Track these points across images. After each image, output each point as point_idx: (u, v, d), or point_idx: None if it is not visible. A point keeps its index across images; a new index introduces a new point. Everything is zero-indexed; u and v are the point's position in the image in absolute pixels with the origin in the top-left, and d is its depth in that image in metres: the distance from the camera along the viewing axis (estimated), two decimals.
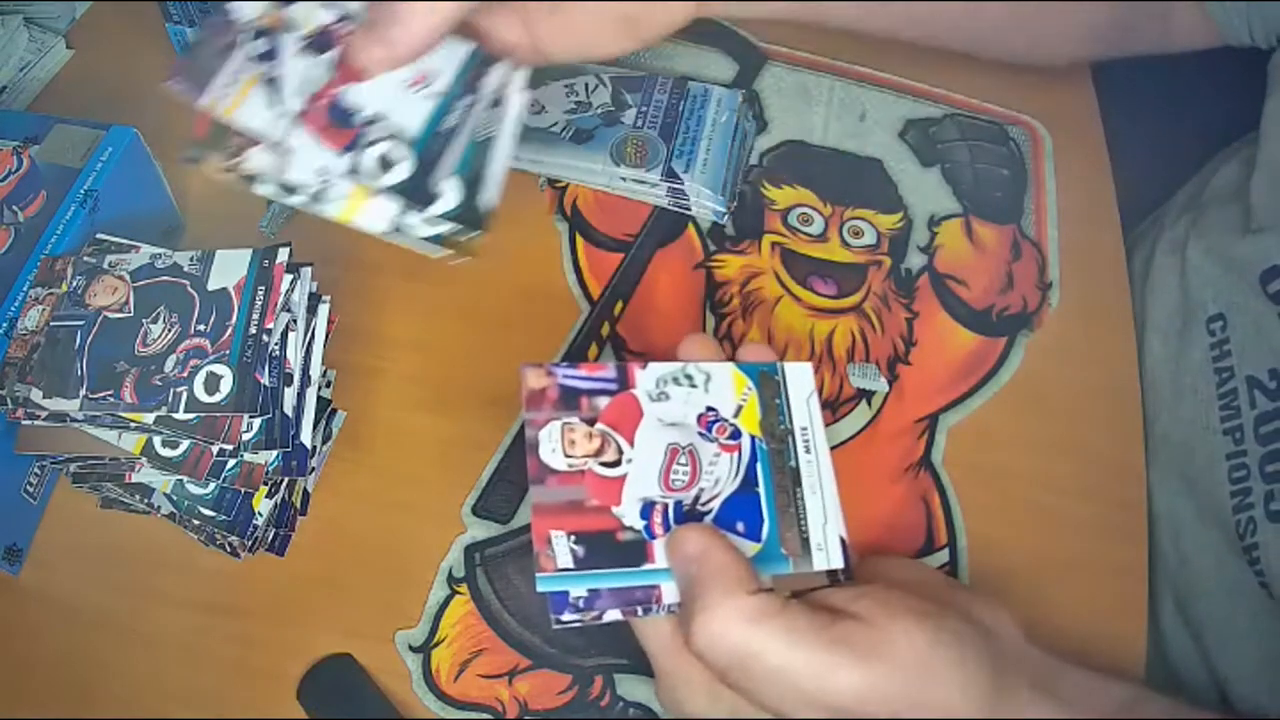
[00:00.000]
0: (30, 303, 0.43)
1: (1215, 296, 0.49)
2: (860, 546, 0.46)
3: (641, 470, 0.35)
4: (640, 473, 0.35)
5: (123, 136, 0.49)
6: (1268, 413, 0.44)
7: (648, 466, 0.35)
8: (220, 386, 0.40)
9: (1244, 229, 0.48)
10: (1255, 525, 0.44)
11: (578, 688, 0.44)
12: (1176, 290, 0.52)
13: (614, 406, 0.35)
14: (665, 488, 0.35)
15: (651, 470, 0.35)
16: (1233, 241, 0.49)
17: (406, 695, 0.43)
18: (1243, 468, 0.45)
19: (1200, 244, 0.51)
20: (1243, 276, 0.47)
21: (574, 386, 0.35)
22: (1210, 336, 0.49)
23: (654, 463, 0.35)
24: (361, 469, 0.48)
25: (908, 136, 0.59)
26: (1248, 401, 0.46)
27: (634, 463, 0.35)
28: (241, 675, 0.44)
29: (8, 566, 0.45)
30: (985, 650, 0.33)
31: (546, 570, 0.32)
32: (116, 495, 0.44)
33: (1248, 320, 0.47)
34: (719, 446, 0.36)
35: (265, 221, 0.55)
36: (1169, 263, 0.53)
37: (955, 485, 0.48)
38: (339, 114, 0.36)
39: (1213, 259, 0.50)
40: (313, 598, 0.45)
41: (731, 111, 0.57)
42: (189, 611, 0.45)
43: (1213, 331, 0.49)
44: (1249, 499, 0.44)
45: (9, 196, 0.47)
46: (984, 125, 0.60)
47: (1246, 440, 0.45)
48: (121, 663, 0.44)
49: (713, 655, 0.32)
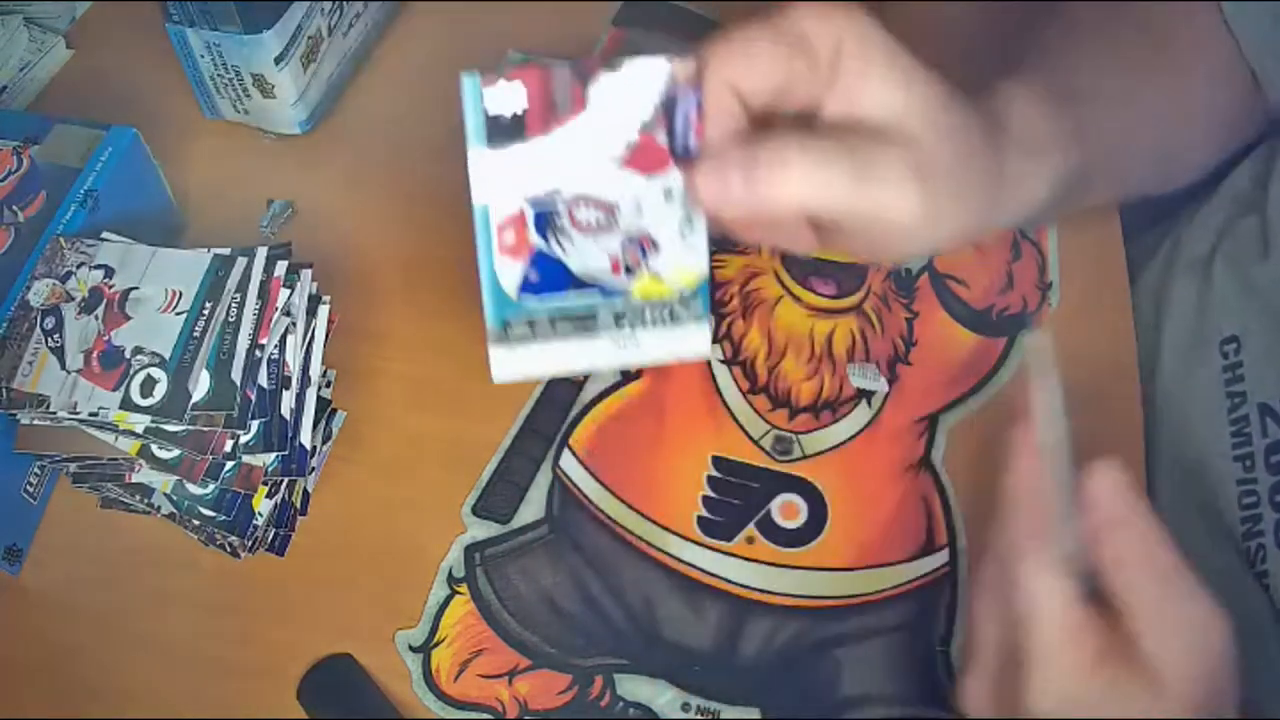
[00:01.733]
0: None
1: (1231, 318, 0.48)
2: (860, 546, 0.46)
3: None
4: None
5: (123, 136, 0.49)
6: (1279, 443, 0.44)
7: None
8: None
9: (1263, 246, 0.47)
10: (1265, 552, 0.43)
11: (578, 688, 0.44)
12: (1193, 309, 0.51)
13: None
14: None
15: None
16: (1253, 263, 0.48)
17: (406, 695, 0.43)
18: (1253, 494, 0.44)
19: (1223, 262, 0.50)
20: (1261, 300, 0.46)
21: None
22: (1223, 359, 0.47)
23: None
24: (361, 469, 0.48)
25: None
26: (1259, 429, 0.45)
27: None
28: (241, 675, 0.44)
29: (8, 566, 0.45)
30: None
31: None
32: (116, 495, 0.44)
33: (1263, 345, 0.46)
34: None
35: (265, 221, 0.55)
36: (1187, 282, 0.52)
37: (955, 485, 0.48)
38: (110, 357, 0.42)
39: (1232, 279, 0.49)
40: (313, 598, 0.45)
41: None
42: (189, 611, 0.45)
43: (1226, 354, 0.47)
44: (1259, 526, 0.44)
45: (9, 196, 0.47)
46: None
47: (1257, 469, 0.44)
48: (121, 663, 0.44)
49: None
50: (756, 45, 0.33)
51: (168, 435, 0.41)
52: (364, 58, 0.62)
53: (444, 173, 0.58)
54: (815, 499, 0.47)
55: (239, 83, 0.55)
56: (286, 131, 0.58)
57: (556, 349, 0.36)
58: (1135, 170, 0.48)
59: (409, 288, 0.54)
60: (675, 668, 0.44)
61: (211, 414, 0.41)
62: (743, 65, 0.33)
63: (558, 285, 0.35)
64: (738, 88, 0.34)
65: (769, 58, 0.33)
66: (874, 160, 0.33)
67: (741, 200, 0.33)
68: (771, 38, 0.34)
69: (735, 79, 0.34)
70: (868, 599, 0.45)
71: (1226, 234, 0.51)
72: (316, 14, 0.56)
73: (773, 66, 0.33)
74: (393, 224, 0.56)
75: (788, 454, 0.49)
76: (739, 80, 0.34)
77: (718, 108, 0.34)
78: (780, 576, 0.46)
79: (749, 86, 0.34)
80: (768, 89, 0.34)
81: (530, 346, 0.36)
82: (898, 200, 0.33)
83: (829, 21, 0.34)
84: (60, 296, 0.43)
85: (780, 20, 0.34)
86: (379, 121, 0.60)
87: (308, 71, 0.56)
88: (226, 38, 0.53)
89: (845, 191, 0.33)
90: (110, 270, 0.44)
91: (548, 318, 0.36)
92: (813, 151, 0.33)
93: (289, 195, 0.56)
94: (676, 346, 0.37)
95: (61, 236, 0.45)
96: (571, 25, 0.63)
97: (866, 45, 0.33)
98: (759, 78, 0.34)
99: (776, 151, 0.33)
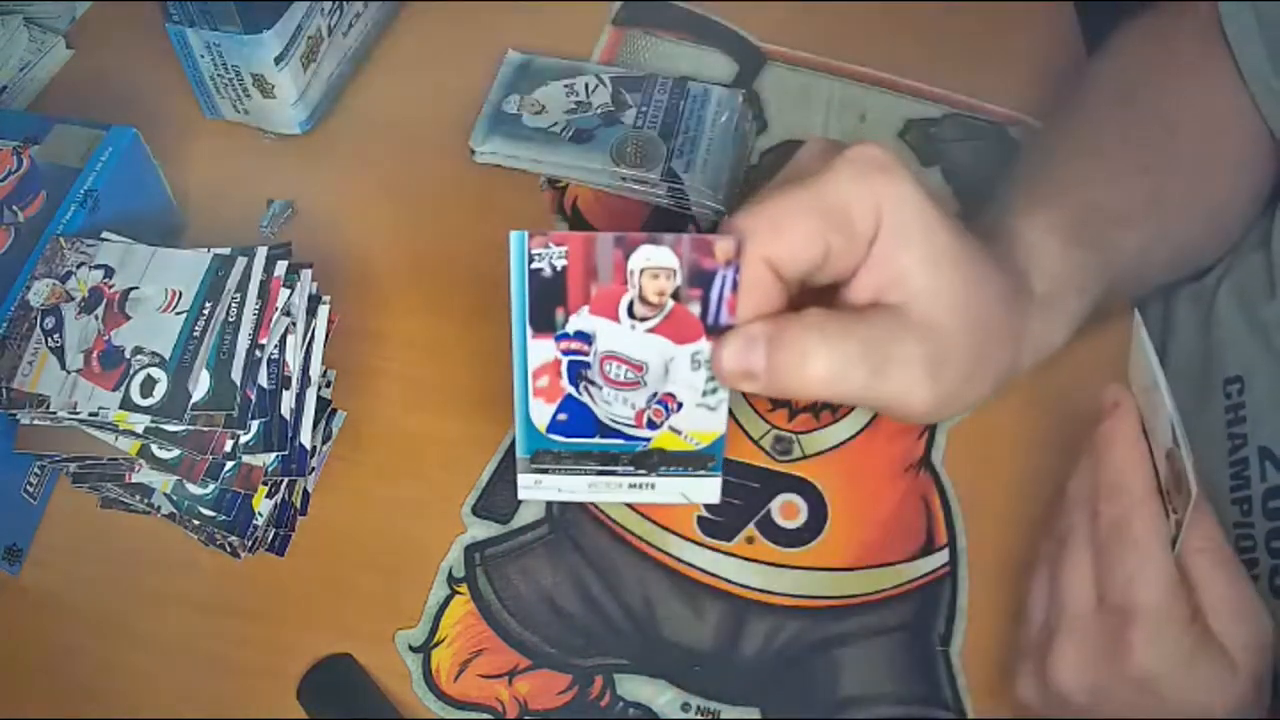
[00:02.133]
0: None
1: (1236, 357, 0.47)
2: (860, 546, 0.46)
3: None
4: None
5: (123, 136, 0.49)
6: (1276, 489, 0.43)
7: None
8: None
9: (1270, 286, 0.46)
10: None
11: (578, 688, 0.44)
12: (1197, 342, 0.50)
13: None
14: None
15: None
16: (1260, 302, 0.47)
17: (406, 695, 0.43)
18: (1249, 538, 0.44)
19: (1230, 297, 0.49)
20: (1266, 341, 0.46)
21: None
22: (1226, 399, 0.47)
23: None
24: (361, 469, 0.48)
25: (908, 136, 0.59)
26: (1258, 473, 0.44)
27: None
28: (241, 675, 0.44)
29: (8, 566, 0.45)
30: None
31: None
32: (116, 495, 0.44)
33: (1266, 387, 0.45)
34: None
35: (266, 221, 0.55)
36: (1191, 315, 0.51)
37: (955, 485, 0.48)
38: (110, 357, 0.42)
39: (1240, 317, 0.48)
40: (313, 598, 0.45)
41: (731, 111, 0.57)
42: (189, 611, 0.45)
43: (1229, 394, 0.47)
44: (1255, 570, 0.44)
45: (9, 196, 0.47)
46: (984, 125, 0.60)
47: (1254, 513, 0.44)
48: (121, 663, 0.44)
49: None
50: (796, 224, 0.34)
51: (168, 435, 0.41)
52: (364, 58, 0.62)
53: (444, 172, 0.58)
54: (815, 499, 0.47)
55: (239, 83, 0.55)
56: (286, 131, 0.58)
57: (577, 481, 0.39)
58: (1157, 274, 0.47)
59: (409, 288, 0.54)
60: (675, 668, 0.44)
61: (211, 414, 0.41)
62: (782, 245, 0.34)
63: (585, 431, 0.38)
64: (774, 265, 0.34)
65: (807, 238, 0.34)
66: (891, 357, 0.34)
67: (764, 384, 0.34)
68: (811, 211, 0.34)
69: (773, 258, 0.34)
70: (868, 599, 0.45)
71: (1234, 266, 0.50)
72: (316, 14, 0.56)
73: (810, 247, 0.34)
74: (392, 224, 0.56)
75: (788, 454, 0.49)
76: (776, 259, 0.34)
77: (753, 285, 0.34)
78: (780, 576, 0.46)
79: (786, 265, 0.34)
80: (804, 267, 0.35)
81: (555, 476, 0.39)
82: (910, 397, 0.35)
83: (871, 191, 0.34)
84: (60, 296, 0.43)
85: (822, 188, 0.34)
86: (379, 121, 0.60)
87: (308, 71, 0.56)
88: (226, 38, 0.53)
89: (861, 388, 0.34)
90: (110, 270, 0.44)
91: (573, 454, 0.38)
92: (835, 348, 0.34)
93: (289, 195, 0.56)
94: (688, 491, 0.40)
95: (61, 236, 0.45)
96: (571, 25, 0.63)
97: (904, 220, 0.34)
98: (796, 257, 0.34)
99: (799, 342, 0.34)
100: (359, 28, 0.60)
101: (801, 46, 0.63)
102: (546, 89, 0.58)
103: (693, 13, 0.64)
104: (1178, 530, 0.36)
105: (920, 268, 0.35)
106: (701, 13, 0.64)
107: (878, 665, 0.44)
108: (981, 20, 0.64)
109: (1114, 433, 0.38)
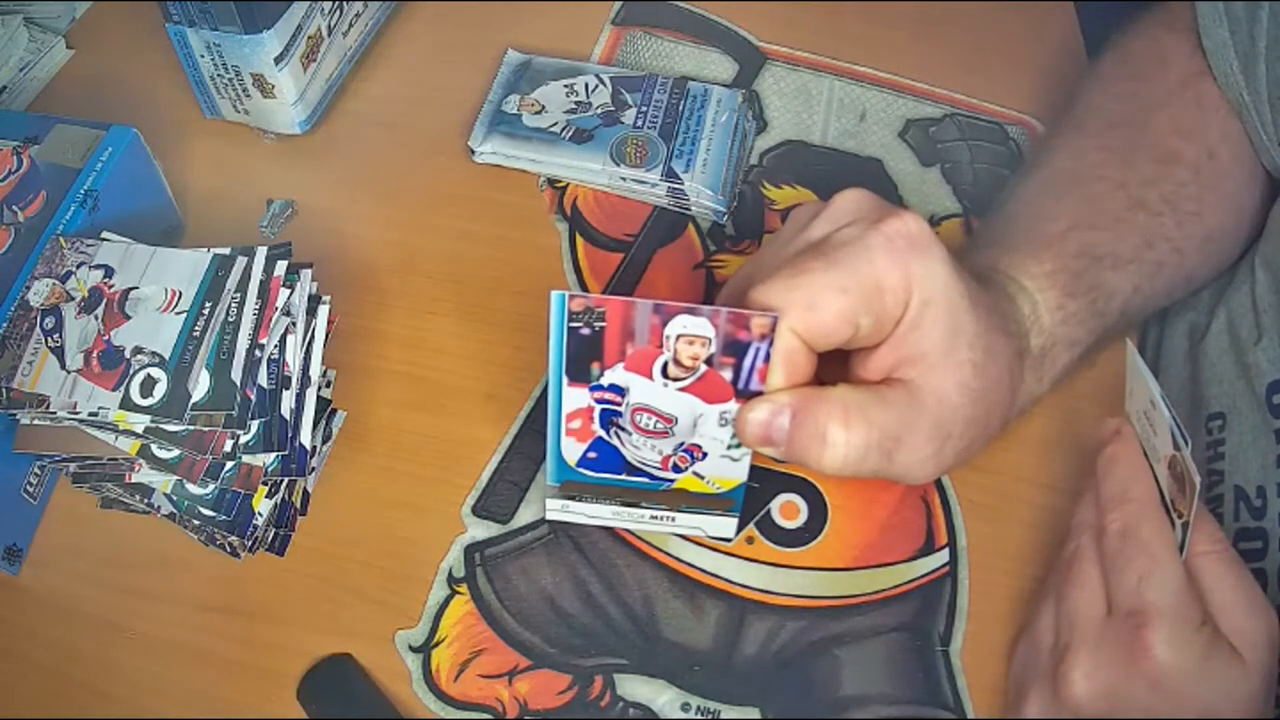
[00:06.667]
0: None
1: (1220, 395, 0.47)
2: (860, 546, 0.46)
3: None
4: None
5: (123, 136, 0.49)
6: (1249, 530, 0.43)
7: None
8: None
9: (1258, 331, 0.46)
10: None
11: (578, 688, 0.44)
12: (1187, 377, 0.50)
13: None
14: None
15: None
16: (1248, 343, 0.47)
17: (406, 695, 0.43)
18: None
19: (1222, 337, 0.49)
20: (1249, 383, 0.46)
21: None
22: (1208, 435, 0.47)
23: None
24: (361, 469, 0.48)
25: (908, 136, 0.59)
26: (1231, 513, 0.44)
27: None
28: (241, 675, 0.44)
29: (8, 566, 0.45)
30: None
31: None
32: (116, 495, 0.44)
33: (1246, 428, 0.45)
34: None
35: (265, 221, 0.55)
36: (1182, 347, 0.51)
37: (955, 485, 0.48)
38: (109, 356, 0.42)
39: (1229, 355, 0.48)
40: (313, 598, 0.45)
41: (731, 111, 0.57)
42: (189, 611, 0.45)
43: (1210, 430, 0.47)
44: None
45: (9, 196, 0.47)
46: (984, 125, 0.60)
47: None
48: (121, 663, 0.44)
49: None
50: (830, 304, 0.35)
51: (168, 435, 0.41)
52: (364, 58, 0.62)
53: (444, 172, 0.58)
54: (815, 499, 0.47)
55: (239, 83, 0.55)
56: (286, 131, 0.58)
57: (601, 510, 0.42)
58: (1151, 305, 0.48)
59: (409, 288, 0.54)
60: (675, 668, 0.44)
61: (211, 414, 0.41)
62: (814, 324, 0.35)
63: (612, 469, 0.40)
64: (806, 339, 0.36)
65: (840, 317, 0.35)
66: (903, 443, 0.37)
67: (782, 454, 0.37)
68: (846, 292, 0.35)
69: (805, 334, 0.36)
70: (868, 599, 0.45)
71: (1224, 301, 0.50)
72: (316, 14, 0.56)
73: (843, 327, 0.36)
74: (393, 224, 0.56)
75: None
76: (808, 335, 0.36)
77: (784, 357, 0.36)
78: (780, 576, 0.46)
79: (818, 341, 0.36)
80: (834, 342, 0.36)
81: (580, 504, 0.42)
82: (914, 471, 0.38)
83: (904, 273, 0.36)
84: (60, 296, 0.43)
85: (858, 267, 0.36)
86: (379, 121, 0.60)
87: (308, 71, 0.56)
88: (226, 38, 0.53)
89: (871, 471, 0.37)
90: (110, 270, 0.44)
91: (599, 487, 0.41)
92: (854, 434, 0.36)
93: (289, 195, 0.56)
94: (705, 527, 0.42)
95: (61, 236, 0.45)
96: (571, 25, 0.63)
97: (931, 299, 0.36)
98: (829, 336, 0.36)
99: (821, 423, 0.36)
100: (359, 28, 0.60)
101: (801, 46, 0.63)
102: (546, 89, 0.58)
103: (693, 13, 0.64)
104: (1184, 534, 0.36)
105: (940, 351, 0.37)
106: (701, 13, 0.64)
107: (878, 665, 0.44)
108: (981, 20, 0.64)
109: (1116, 454, 0.40)
